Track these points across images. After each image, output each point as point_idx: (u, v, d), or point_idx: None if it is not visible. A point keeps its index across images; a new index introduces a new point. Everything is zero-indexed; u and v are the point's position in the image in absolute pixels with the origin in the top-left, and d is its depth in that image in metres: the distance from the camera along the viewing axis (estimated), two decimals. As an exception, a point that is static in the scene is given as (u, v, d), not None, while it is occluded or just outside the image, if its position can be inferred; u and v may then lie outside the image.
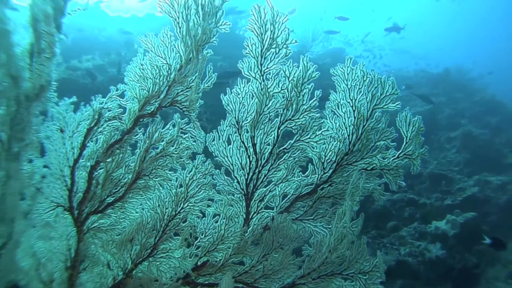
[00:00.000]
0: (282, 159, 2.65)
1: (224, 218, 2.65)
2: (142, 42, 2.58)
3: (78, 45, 13.26)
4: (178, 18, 2.47)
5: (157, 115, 2.67)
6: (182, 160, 2.70)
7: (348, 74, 2.61)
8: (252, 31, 2.50)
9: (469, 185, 9.13)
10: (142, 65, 2.59)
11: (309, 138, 2.60)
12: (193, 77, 2.57)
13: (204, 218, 2.72)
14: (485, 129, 12.10)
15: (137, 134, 2.67)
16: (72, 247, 2.60)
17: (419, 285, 6.57)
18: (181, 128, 2.67)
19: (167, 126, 2.68)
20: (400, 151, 2.61)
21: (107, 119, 2.66)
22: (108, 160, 2.62)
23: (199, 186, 2.70)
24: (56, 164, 2.68)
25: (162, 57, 2.58)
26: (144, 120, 2.66)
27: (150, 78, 2.59)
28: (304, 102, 2.55)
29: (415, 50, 26.92)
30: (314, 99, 2.55)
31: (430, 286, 6.58)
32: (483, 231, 7.28)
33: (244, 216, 2.69)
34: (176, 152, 2.69)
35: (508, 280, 6.68)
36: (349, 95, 2.61)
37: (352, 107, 2.61)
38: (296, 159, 2.65)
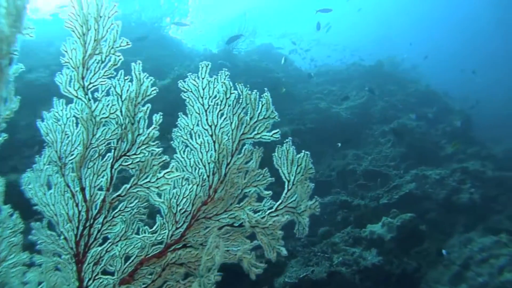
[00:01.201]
0: (117, 210, 1.89)
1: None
2: None
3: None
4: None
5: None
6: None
7: (204, 90, 1.82)
8: (73, 31, 1.74)
9: (406, 180, 8.69)
10: None
11: (149, 181, 1.83)
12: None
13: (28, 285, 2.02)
14: (421, 120, 11.75)
15: None
16: None
17: (354, 295, 6.05)
18: (-26, 172, 1.90)
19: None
20: (279, 202, 1.87)
21: None
22: None
23: (10, 247, 1.95)
24: None
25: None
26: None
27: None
28: (141, 131, 1.78)
29: (342, 42, 26.56)
30: (153, 126, 1.78)
31: (367, 295, 6.08)
32: (422, 231, 6.87)
33: (78, 284, 1.93)
34: (-29, 204, 1.93)
35: (451, 286, 6.26)
36: (207, 120, 1.85)
37: (211, 136, 1.84)
38: (134, 210, 1.90)
